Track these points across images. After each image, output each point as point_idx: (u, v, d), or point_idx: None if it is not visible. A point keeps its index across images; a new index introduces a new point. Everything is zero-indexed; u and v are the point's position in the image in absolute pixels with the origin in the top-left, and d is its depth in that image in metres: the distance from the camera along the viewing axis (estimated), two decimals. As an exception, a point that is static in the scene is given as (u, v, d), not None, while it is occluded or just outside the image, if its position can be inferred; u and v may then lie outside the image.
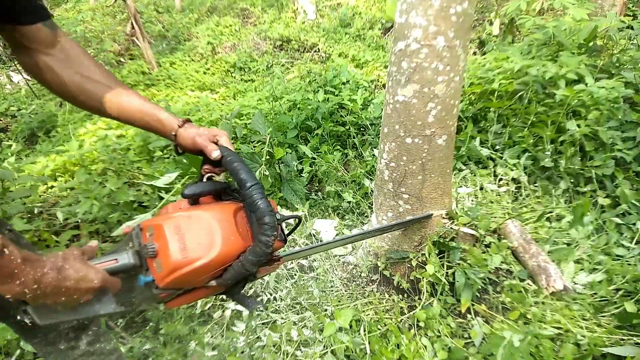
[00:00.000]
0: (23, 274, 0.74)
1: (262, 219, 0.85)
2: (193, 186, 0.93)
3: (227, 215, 0.89)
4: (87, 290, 0.83)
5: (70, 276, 0.80)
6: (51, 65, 1.00)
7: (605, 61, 3.21)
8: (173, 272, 0.83)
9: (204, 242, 0.84)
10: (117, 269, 0.88)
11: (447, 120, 1.80)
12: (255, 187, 0.88)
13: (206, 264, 0.84)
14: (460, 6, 1.61)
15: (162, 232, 0.84)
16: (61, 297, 0.81)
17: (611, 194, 2.45)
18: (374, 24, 6.88)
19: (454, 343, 1.71)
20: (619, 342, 1.63)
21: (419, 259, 1.97)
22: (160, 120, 1.04)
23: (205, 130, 1.03)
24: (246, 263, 0.86)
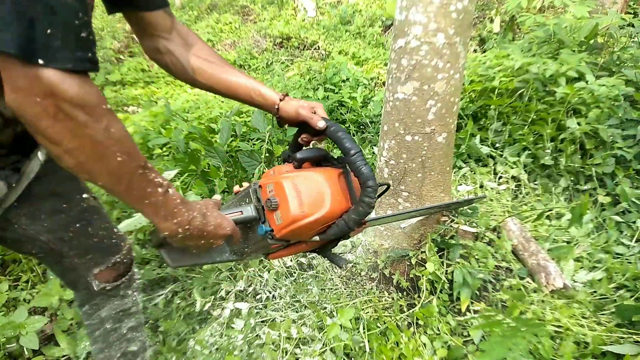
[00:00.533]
0: (180, 213, 0.83)
1: (366, 182, 0.94)
2: (304, 151, 1.04)
3: (333, 178, 0.98)
4: (221, 236, 0.93)
5: (211, 222, 0.90)
6: (171, 49, 1.12)
7: (605, 59, 3.20)
8: (291, 224, 0.93)
9: (317, 200, 0.94)
10: (241, 219, 0.98)
11: (447, 117, 1.79)
12: (359, 154, 0.96)
13: (318, 219, 0.94)
14: (461, 3, 1.61)
15: (282, 188, 0.94)
16: (201, 240, 0.90)
17: (611, 192, 2.45)
18: (374, 21, 6.86)
19: (453, 341, 1.71)
20: (619, 340, 1.63)
21: (419, 256, 1.96)
22: (263, 95, 1.13)
23: (304, 103, 1.11)
24: (349, 221, 0.95)
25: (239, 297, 1.96)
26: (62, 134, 0.64)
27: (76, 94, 0.62)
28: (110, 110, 0.68)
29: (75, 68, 0.62)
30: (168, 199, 0.80)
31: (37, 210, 1.08)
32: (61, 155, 0.67)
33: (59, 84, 0.61)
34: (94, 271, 1.21)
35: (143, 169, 0.75)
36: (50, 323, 1.87)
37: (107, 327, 1.33)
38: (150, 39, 1.11)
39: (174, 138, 2.92)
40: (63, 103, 0.62)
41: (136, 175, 0.74)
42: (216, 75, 1.13)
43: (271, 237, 0.97)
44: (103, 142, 0.67)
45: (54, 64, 0.60)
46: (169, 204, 0.80)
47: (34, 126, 0.63)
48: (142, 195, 0.76)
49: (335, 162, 1.05)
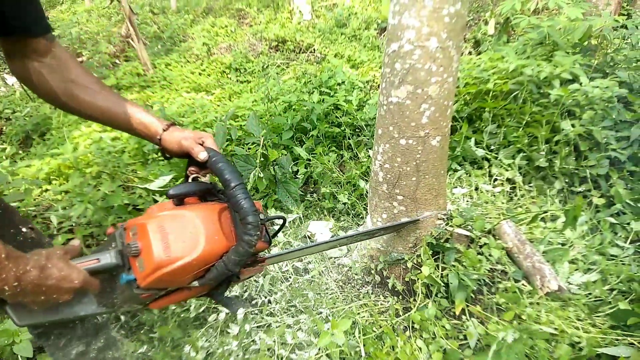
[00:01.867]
0: (5, 270, 0.73)
1: (245, 219, 0.86)
2: (178, 187, 0.94)
3: (211, 214, 0.89)
4: (68, 290, 0.83)
5: (52, 275, 0.80)
6: (41, 71, 1.02)
7: (599, 60, 3.21)
8: (155, 271, 0.83)
9: (187, 241, 0.84)
10: (99, 268, 0.87)
11: (440, 121, 1.79)
12: (239, 187, 0.88)
13: (189, 263, 0.84)
14: (453, 7, 1.61)
15: (145, 231, 0.84)
16: (41, 296, 0.80)
17: (605, 193, 2.46)
18: (369, 24, 6.88)
19: (449, 345, 1.71)
20: (614, 342, 1.63)
21: (414, 260, 1.96)
22: (145, 124, 1.04)
23: (190, 133, 1.04)
24: (229, 263, 0.87)
25: (235, 303, 1.96)
26: None
27: None
28: None
29: None
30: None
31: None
32: None
33: None
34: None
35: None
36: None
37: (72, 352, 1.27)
38: (20, 60, 1.03)
39: (169, 143, 2.91)
40: None
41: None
42: (92, 101, 1.04)
43: (137, 287, 0.87)
44: None
45: None
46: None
47: None
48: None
49: (221, 195, 0.99)
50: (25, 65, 1.02)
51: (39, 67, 1.03)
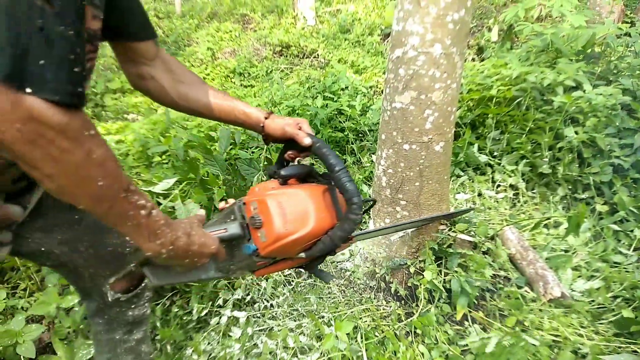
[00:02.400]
0: (163, 234, 0.83)
1: (351, 199, 0.95)
2: (289, 168, 1.05)
3: (318, 195, 0.99)
4: (206, 255, 0.93)
5: (195, 241, 0.90)
6: (153, 74, 1.13)
7: (603, 68, 3.22)
8: (276, 242, 0.94)
9: (301, 217, 0.94)
10: (226, 237, 0.98)
11: (444, 127, 1.80)
12: (344, 171, 0.98)
13: (303, 236, 0.94)
14: (457, 14, 1.62)
15: (266, 206, 0.95)
16: (185, 259, 0.90)
17: (609, 200, 2.45)
18: (373, 30, 6.90)
19: (451, 350, 1.71)
20: (617, 350, 1.63)
21: (417, 265, 1.97)
22: (247, 114, 1.15)
23: (290, 120, 1.13)
24: (335, 238, 0.96)
25: (237, 306, 1.96)
26: (41, 160, 0.63)
27: (59, 122, 0.61)
28: (95, 135, 0.67)
29: (62, 101, 0.61)
30: (151, 220, 0.80)
31: (49, 224, 1.09)
32: (41, 179, 0.66)
33: (43, 111, 0.60)
34: (110, 280, 1.22)
35: (126, 192, 0.74)
36: (48, 331, 1.87)
37: (116, 337, 1.33)
38: (133, 65, 1.12)
39: (174, 146, 2.93)
40: (45, 129, 0.61)
41: (118, 198, 0.73)
42: (198, 98, 1.14)
43: (256, 255, 0.98)
44: (84, 167, 0.66)
45: (41, 94, 0.59)
46: (151, 226, 0.80)
47: (11, 150, 0.62)
48: (124, 217, 0.76)
49: (320, 178, 1.07)
50: (139, 70, 1.12)
51: (151, 72, 1.13)
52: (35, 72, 0.59)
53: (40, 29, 0.59)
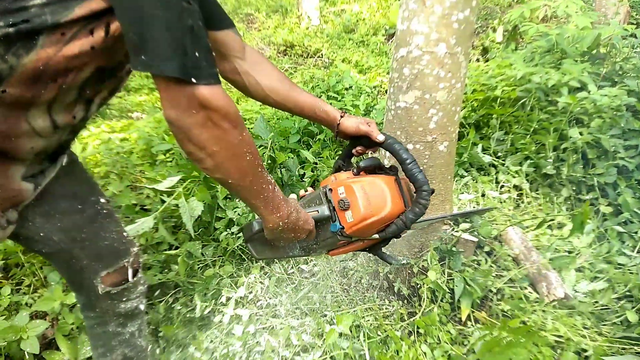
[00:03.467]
0: (282, 208, 0.96)
1: (422, 187, 1.09)
2: (366, 160, 1.18)
3: (391, 183, 1.12)
4: (306, 231, 1.06)
5: (301, 218, 1.03)
6: (247, 70, 1.19)
7: (608, 69, 3.20)
8: (361, 222, 1.07)
9: (381, 201, 1.08)
10: (318, 217, 1.11)
11: (448, 126, 1.80)
12: (415, 163, 1.11)
13: (382, 218, 1.08)
14: (462, 13, 1.62)
15: (352, 191, 1.09)
16: (292, 234, 1.03)
17: (613, 202, 2.44)
18: (377, 30, 6.89)
19: (454, 350, 1.71)
20: (620, 351, 1.62)
21: (420, 265, 1.96)
22: (327, 112, 1.24)
23: (362, 119, 1.24)
24: (407, 220, 1.10)
25: (240, 304, 1.97)
26: (209, 140, 0.76)
27: (223, 105, 0.74)
28: (242, 118, 0.80)
29: (216, 82, 0.74)
30: (275, 194, 0.93)
31: (52, 210, 1.12)
32: (203, 158, 0.79)
33: (210, 98, 0.72)
34: (101, 274, 1.23)
35: (261, 168, 0.86)
36: (52, 327, 1.88)
37: (109, 330, 1.34)
38: (226, 60, 1.17)
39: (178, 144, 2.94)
40: (213, 114, 0.74)
41: (257, 172, 0.86)
42: (286, 94, 1.22)
43: (341, 235, 1.11)
44: (238, 145, 0.80)
45: (202, 81, 0.71)
46: (275, 199, 0.93)
47: (187, 134, 0.75)
48: (260, 190, 0.88)
49: (387, 170, 1.19)
50: (231, 66, 1.18)
51: (244, 66, 1.19)
52: (195, 64, 0.71)
53: (191, 27, 0.71)
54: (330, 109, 1.24)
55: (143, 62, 0.70)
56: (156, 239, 2.21)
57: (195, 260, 2.18)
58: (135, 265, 1.31)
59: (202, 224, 2.39)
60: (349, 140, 1.29)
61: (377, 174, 1.17)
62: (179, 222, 2.30)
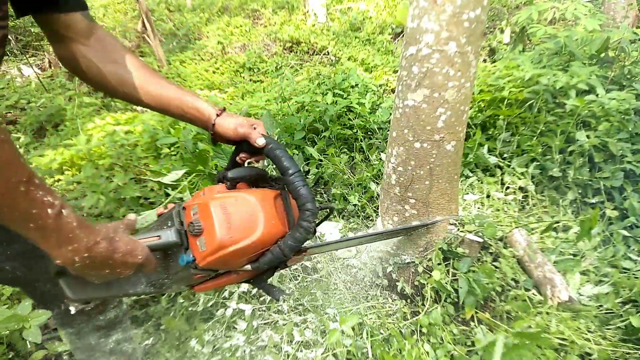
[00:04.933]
0: (77, 239, 0.72)
1: (304, 205, 0.88)
2: (236, 170, 0.95)
3: (269, 200, 0.90)
4: (131, 265, 0.82)
5: (119, 249, 0.79)
6: (88, 55, 1.00)
7: (616, 72, 3.18)
8: (218, 251, 0.84)
9: (248, 224, 0.85)
10: (159, 246, 0.88)
11: (456, 126, 1.79)
12: (298, 174, 0.90)
13: (249, 245, 0.85)
14: (473, 12, 1.61)
15: (208, 210, 0.85)
16: (106, 269, 0.80)
17: (619, 206, 2.43)
18: (384, 28, 6.88)
19: (457, 350, 1.70)
20: (624, 355, 1.61)
21: (424, 264, 1.96)
22: (197, 109, 1.03)
23: (243, 119, 1.03)
24: (285, 248, 0.88)
25: (243, 298, 1.96)
26: None
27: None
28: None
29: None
30: (61, 222, 0.69)
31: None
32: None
33: None
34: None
35: (26, 185, 0.64)
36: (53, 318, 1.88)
37: (92, 343, 1.27)
38: (64, 44, 0.99)
39: (183, 138, 2.94)
40: None
41: (17, 193, 0.63)
42: (142, 86, 1.02)
43: (194, 267, 0.87)
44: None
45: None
46: (61, 229, 0.69)
47: None
48: (26, 217, 0.65)
49: (273, 183, 1.00)
50: (70, 49, 1.00)
51: (85, 51, 1.00)
52: None
53: None
54: (203, 105, 1.03)
55: None
56: (160, 232, 2.21)
57: (198, 254, 2.17)
58: None
59: (206, 218, 2.38)
60: (232, 144, 1.07)
61: (260, 187, 0.98)
62: (183, 215, 2.30)
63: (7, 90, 5.07)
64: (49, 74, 5.91)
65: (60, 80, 5.53)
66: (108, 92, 1.05)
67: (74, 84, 5.45)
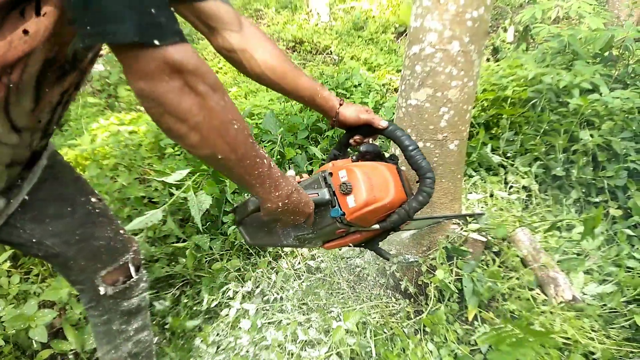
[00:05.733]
0: (281, 187, 0.87)
1: (426, 174, 1.05)
2: (368, 146, 1.14)
3: (393, 171, 1.08)
4: (307, 214, 0.98)
5: (302, 199, 0.94)
6: (243, 44, 1.10)
7: (620, 71, 3.18)
8: (364, 207, 1.00)
9: (384, 187, 1.03)
10: (317, 201, 1.03)
11: (459, 125, 1.79)
12: (418, 150, 1.07)
13: (385, 205, 1.02)
14: (476, 11, 1.61)
15: (355, 174, 1.02)
16: (291, 216, 0.94)
17: (623, 205, 2.43)
18: (387, 28, 6.88)
19: (461, 349, 1.70)
20: (628, 354, 1.61)
21: (428, 263, 1.96)
22: (326, 99, 1.17)
23: (361, 107, 1.19)
24: (410, 209, 1.04)
25: (247, 298, 1.97)
26: (189, 109, 0.67)
27: (197, 65, 0.65)
28: (220, 82, 0.71)
29: (182, 40, 0.64)
30: (272, 171, 0.83)
31: (41, 215, 1.08)
32: (186, 133, 0.69)
33: (182, 59, 0.63)
34: (101, 273, 1.20)
35: (252, 139, 0.77)
36: (59, 317, 1.89)
37: (113, 328, 1.32)
38: (218, 34, 1.08)
39: (186, 138, 2.94)
40: (189, 77, 0.65)
41: (248, 143, 0.76)
42: (285, 74, 1.14)
43: (341, 222, 1.03)
44: (222, 112, 0.71)
45: (166, 41, 0.62)
46: (273, 176, 0.84)
47: (164, 106, 0.65)
48: (254, 165, 0.79)
49: (387, 159, 1.15)
50: (226, 40, 1.09)
51: (241, 42, 1.09)
52: (154, 22, 0.61)
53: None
54: (330, 95, 1.18)
55: (89, 33, 0.60)
56: (164, 231, 2.22)
57: (203, 253, 2.19)
58: (136, 262, 1.29)
59: (210, 218, 2.40)
60: (346, 129, 1.23)
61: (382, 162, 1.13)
62: (187, 215, 2.31)
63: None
64: (53, 75, 5.93)
65: (64, 81, 5.55)
66: (256, 78, 1.15)
67: (78, 84, 5.46)
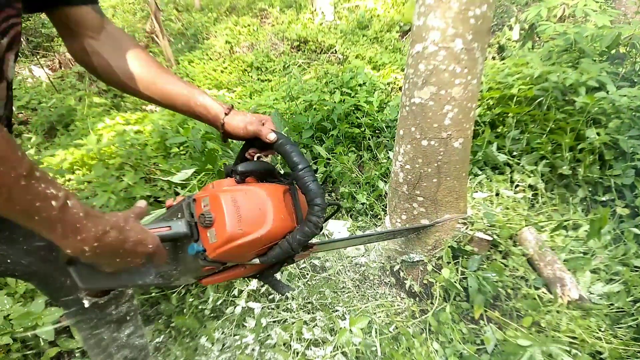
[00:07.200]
0: (85, 229, 0.71)
1: (314, 200, 0.88)
2: (247, 164, 0.95)
3: (278, 194, 0.90)
4: (141, 255, 0.82)
5: (130, 238, 0.78)
6: (99, 50, 1.00)
7: (627, 69, 3.15)
8: (227, 243, 0.84)
9: (258, 217, 0.85)
10: (169, 236, 0.87)
11: (463, 123, 1.78)
12: (308, 169, 0.90)
13: (258, 238, 0.85)
14: (479, 9, 1.60)
15: (219, 203, 0.85)
16: (116, 259, 0.79)
17: (630, 203, 2.41)
18: (391, 26, 6.86)
19: (466, 349, 1.70)
20: (636, 354, 1.60)
21: (433, 263, 1.95)
22: (206, 107, 1.03)
23: (252, 116, 1.03)
24: (293, 242, 0.88)
25: (252, 297, 1.97)
26: None
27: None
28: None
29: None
30: (67, 213, 0.68)
31: (13, 234, 1.02)
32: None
33: None
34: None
35: (27, 179, 0.63)
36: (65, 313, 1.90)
37: (104, 337, 1.29)
38: (75, 38, 1.00)
39: (192, 137, 2.96)
40: None
41: (17, 187, 0.62)
42: (151, 82, 1.03)
43: (203, 259, 0.87)
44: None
45: None
46: (67, 219, 0.69)
47: None
48: (29, 210, 0.65)
49: (281, 178, 0.99)
50: (82, 44, 1.00)
51: (96, 46, 1.00)
52: None
53: None
54: (211, 102, 1.02)
55: None
56: (170, 230, 2.23)
57: (207, 252, 2.19)
58: None
59: (215, 217, 2.40)
60: (239, 140, 1.06)
61: (269, 182, 0.96)
62: (192, 214, 2.31)
63: (18, 91, 5.13)
64: (59, 75, 5.98)
65: (70, 81, 5.59)
66: (118, 86, 1.05)
67: (84, 84, 5.50)
